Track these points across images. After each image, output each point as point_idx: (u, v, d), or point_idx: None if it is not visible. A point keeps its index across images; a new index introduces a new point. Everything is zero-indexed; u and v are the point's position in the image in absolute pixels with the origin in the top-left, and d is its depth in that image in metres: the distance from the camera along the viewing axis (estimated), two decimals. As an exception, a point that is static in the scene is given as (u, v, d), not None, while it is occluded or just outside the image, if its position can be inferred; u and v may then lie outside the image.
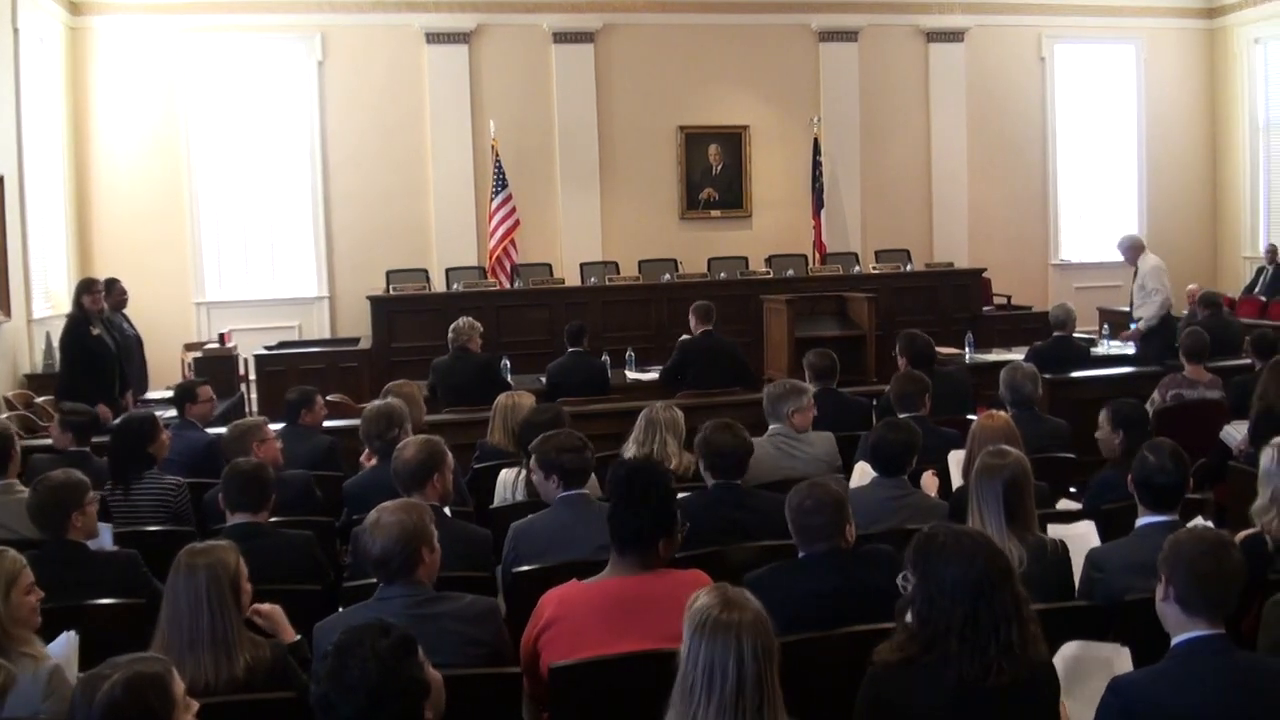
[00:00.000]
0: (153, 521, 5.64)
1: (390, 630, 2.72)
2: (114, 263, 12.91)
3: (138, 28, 13.86)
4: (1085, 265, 16.34)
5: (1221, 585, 3.08)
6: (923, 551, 3.13)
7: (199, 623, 3.41)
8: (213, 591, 3.45)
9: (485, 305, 12.42)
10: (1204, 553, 3.10)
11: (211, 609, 3.43)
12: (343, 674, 2.63)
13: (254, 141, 14.40)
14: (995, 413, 5.63)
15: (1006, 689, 2.95)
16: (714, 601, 2.78)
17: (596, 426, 6.96)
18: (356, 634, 2.70)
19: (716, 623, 2.72)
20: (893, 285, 13.80)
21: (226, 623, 3.44)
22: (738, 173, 15.68)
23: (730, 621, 2.72)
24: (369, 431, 6.01)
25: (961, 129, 16.28)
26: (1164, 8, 17.07)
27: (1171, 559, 3.14)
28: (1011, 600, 3.02)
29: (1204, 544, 3.14)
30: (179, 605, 3.45)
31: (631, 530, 3.75)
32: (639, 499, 3.75)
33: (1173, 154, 17.27)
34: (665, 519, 3.80)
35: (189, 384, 7.55)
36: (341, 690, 2.62)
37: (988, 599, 2.99)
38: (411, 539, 3.60)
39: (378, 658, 2.64)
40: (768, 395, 6.30)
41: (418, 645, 2.74)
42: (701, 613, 2.75)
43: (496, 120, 14.36)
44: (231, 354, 11.91)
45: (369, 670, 2.62)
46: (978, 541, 3.12)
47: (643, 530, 3.74)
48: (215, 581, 3.46)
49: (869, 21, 15.86)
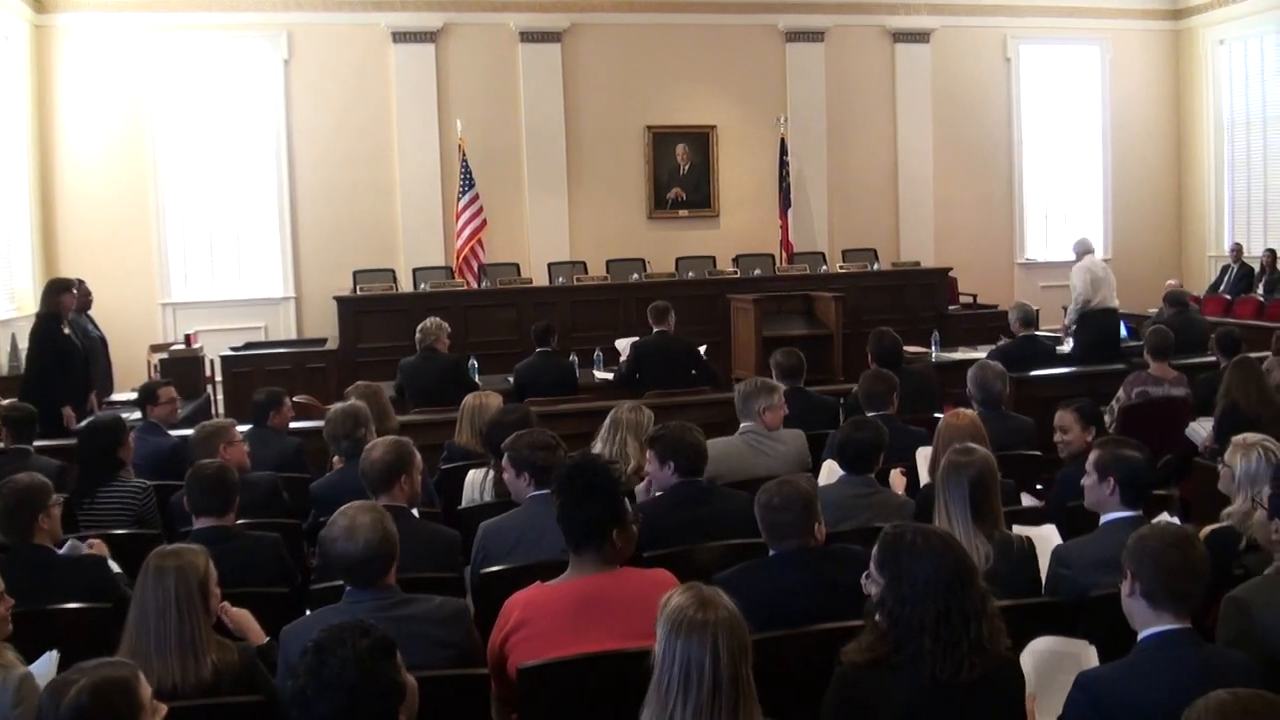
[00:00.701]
0: (118, 525, 5.59)
1: (370, 631, 2.71)
2: (79, 262, 12.83)
3: (103, 25, 13.75)
4: (1050, 264, 16.43)
5: (1187, 580, 3.11)
6: (891, 550, 3.13)
7: (167, 626, 3.40)
8: (181, 594, 3.43)
9: (452, 305, 12.38)
10: (1170, 547, 3.14)
11: (180, 612, 3.41)
12: (321, 671, 2.62)
13: (220, 141, 14.31)
14: (962, 410, 5.65)
15: (975, 684, 2.97)
16: (688, 601, 2.77)
17: (564, 426, 6.92)
18: (337, 632, 2.69)
19: (692, 622, 2.72)
20: (859, 284, 13.83)
21: (194, 626, 3.43)
22: (705, 172, 15.70)
23: (706, 621, 2.72)
24: (335, 433, 5.98)
25: (927, 129, 16.36)
26: (1129, 9, 17.21)
27: (1137, 554, 3.17)
28: (979, 596, 3.04)
29: (1169, 539, 3.17)
30: (147, 608, 3.43)
31: (582, 526, 3.73)
32: (584, 494, 3.73)
33: (1138, 154, 17.41)
34: (614, 509, 3.78)
35: (150, 385, 7.49)
36: (319, 688, 2.61)
37: (959, 596, 3.01)
38: (382, 547, 3.59)
39: (357, 657, 2.63)
40: (739, 393, 6.30)
41: (396, 648, 2.74)
42: (676, 612, 2.75)
43: (463, 120, 14.33)
44: (197, 355, 11.83)
45: (348, 669, 2.61)
46: (945, 539, 3.15)
47: (593, 523, 3.73)
48: (184, 584, 3.45)
49: (835, 22, 15.91)
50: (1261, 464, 4.31)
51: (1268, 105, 16.18)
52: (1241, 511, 4.32)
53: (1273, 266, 15.34)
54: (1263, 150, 16.36)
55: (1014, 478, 5.37)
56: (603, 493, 3.76)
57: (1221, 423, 6.58)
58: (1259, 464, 4.31)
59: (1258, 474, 4.30)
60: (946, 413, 5.64)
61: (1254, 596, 3.50)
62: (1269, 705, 2.43)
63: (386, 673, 2.67)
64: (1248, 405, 6.61)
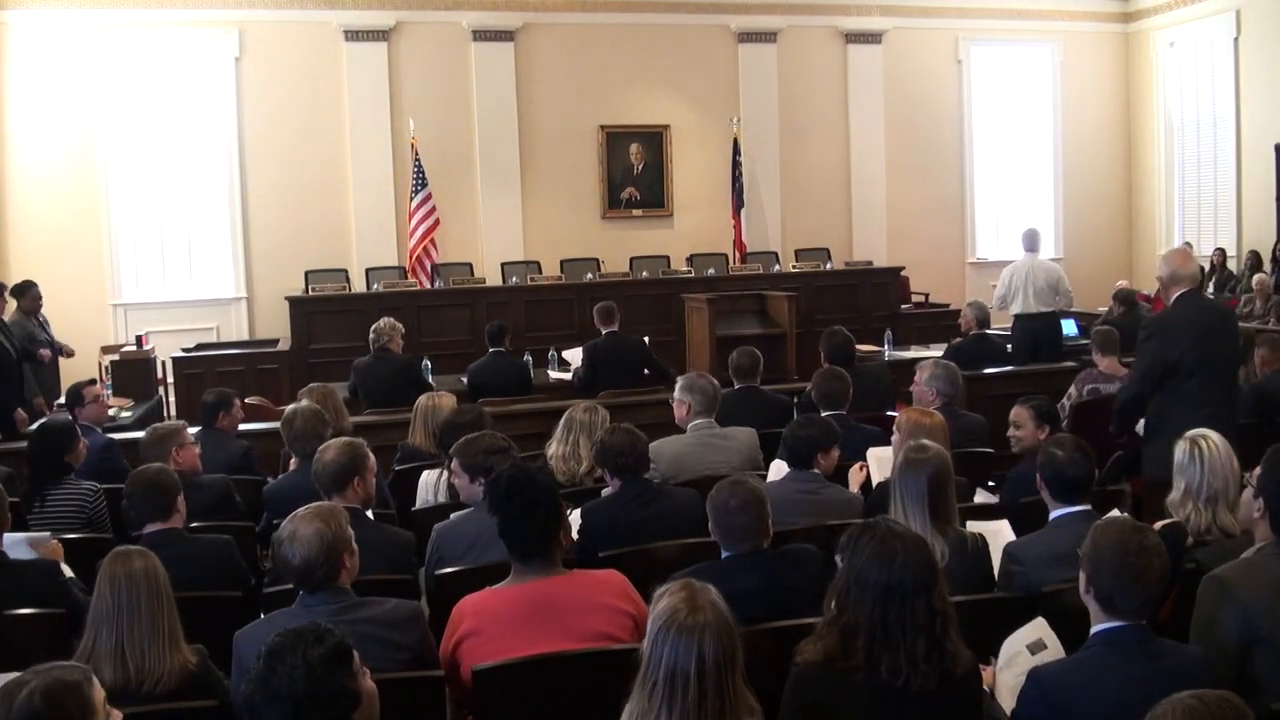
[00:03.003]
0: (69, 528, 5.52)
1: (325, 637, 2.67)
2: (29, 264, 12.71)
3: (52, 22, 13.59)
4: (1001, 263, 16.49)
5: (1145, 588, 3.12)
6: (852, 541, 3.15)
7: (130, 628, 3.37)
8: (144, 596, 3.40)
9: (405, 305, 12.34)
10: (1130, 556, 3.13)
11: (143, 614, 3.38)
12: (270, 679, 2.59)
13: (170, 139, 14.19)
14: (931, 410, 5.66)
15: (923, 696, 2.97)
16: (679, 603, 2.75)
17: (518, 426, 6.95)
18: (290, 639, 2.65)
19: (681, 626, 2.70)
20: (813, 284, 13.91)
21: (158, 627, 3.39)
22: (659, 172, 15.72)
23: (695, 625, 2.70)
24: (299, 435, 5.93)
25: (880, 130, 16.46)
26: (1080, 11, 17.37)
27: (1095, 559, 3.17)
28: (925, 611, 3.01)
29: (1132, 547, 3.15)
30: (102, 609, 3.39)
31: (531, 539, 3.73)
32: (525, 509, 3.71)
33: (1088, 155, 17.59)
34: (557, 517, 3.80)
35: (75, 387, 7.30)
36: (267, 696, 2.58)
37: (898, 605, 3.00)
38: (333, 548, 3.55)
39: (307, 665, 2.59)
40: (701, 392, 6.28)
41: (353, 654, 2.70)
42: (666, 614, 2.73)
43: (416, 118, 14.28)
44: (149, 356, 11.72)
45: (296, 678, 2.58)
46: (907, 545, 3.09)
47: (540, 535, 3.73)
48: (149, 585, 3.42)
49: (788, 23, 15.98)
50: (1186, 457, 4.33)
51: (1217, 107, 16.37)
52: (1175, 503, 4.35)
53: (1223, 265, 15.54)
54: (1212, 151, 16.54)
55: (967, 475, 5.40)
56: (543, 505, 3.75)
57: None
58: (1184, 456, 4.33)
59: (1184, 467, 4.33)
60: (907, 410, 5.63)
61: (1235, 577, 3.52)
62: (1236, 711, 2.41)
63: (338, 681, 2.63)
64: None
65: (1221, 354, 6.08)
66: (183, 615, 3.54)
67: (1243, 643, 3.35)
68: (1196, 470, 4.25)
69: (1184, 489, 4.28)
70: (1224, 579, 3.52)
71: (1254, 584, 3.47)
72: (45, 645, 3.77)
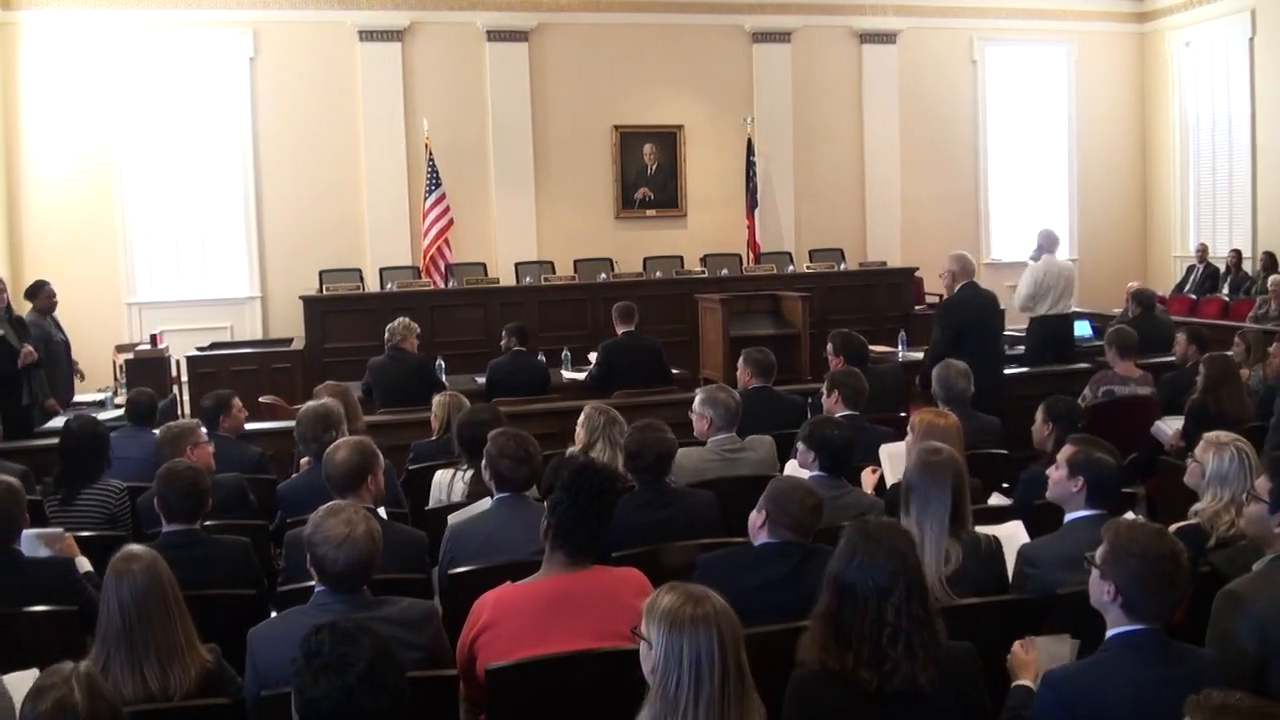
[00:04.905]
0: (93, 526, 5.54)
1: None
2: (44, 263, 12.76)
3: (68, 23, 13.64)
4: (1016, 264, 16.47)
5: (1175, 593, 3.12)
6: (841, 540, 3.20)
7: (146, 648, 3.34)
8: (155, 612, 3.37)
9: (419, 305, 12.32)
10: (1156, 563, 3.10)
11: (157, 631, 3.36)
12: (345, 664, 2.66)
13: (185, 139, 14.21)
14: (946, 412, 5.64)
15: (904, 699, 2.99)
16: (680, 599, 2.77)
17: (534, 426, 6.92)
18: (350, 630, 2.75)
19: (694, 617, 2.72)
20: (826, 284, 13.87)
21: (174, 641, 3.38)
22: (672, 172, 15.70)
23: (707, 614, 2.72)
24: (304, 434, 5.93)
25: (894, 130, 16.42)
26: (1095, 11, 17.32)
27: (1121, 566, 3.13)
28: (895, 613, 3.04)
29: (1157, 555, 3.12)
30: (112, 631, 3.36)
31: (592, 535, 3.75)
32: (591, 502, 3.73)
33: (1103, 155, 17.54)
34: (609, 520, 3.81)
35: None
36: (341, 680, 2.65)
37: (874, 605, 3.05)
38: (375, 556, 3.57)
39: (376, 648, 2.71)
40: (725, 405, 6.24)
41: None
42: (673, 610, 2.74)
43: (430, 119, 14.29)
44: (163, 355, 11.73)
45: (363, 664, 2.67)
46: (884, 547, 3.12)
47: (596, 535, 3.75)
48: (158, 598, 3.39)
49: (802, 23, 15.95)
50: (1234, 464, 4.32)
51: (1232, 107, 16.31)
52: (1210, 510, 4.34)
53: (1238, 267, 15.49)
54: (1228, 151, 16.48)
55: (980, 477, 5.38)
56: (607, 505, 3.78)
57: (1192, 418, 6.64)
58: (1231, 464, 4.32)
59: (1228, 474, 4.31)
60: (923, 411, 5.60)
61: (1248, 590, 3.49)
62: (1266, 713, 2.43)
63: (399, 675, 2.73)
64: (1219, 402, 6.67)
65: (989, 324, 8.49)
66: (197, 614, 3.54)
67: (1260, 656, 3.32)
68: (1247, 477, 4.24)
69: (1229, 497, 4.26)
70: (1237, 593, 3.49)
71: (1269, 597, 3.45)
72: (58, 642, 3.78)
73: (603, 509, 3.77)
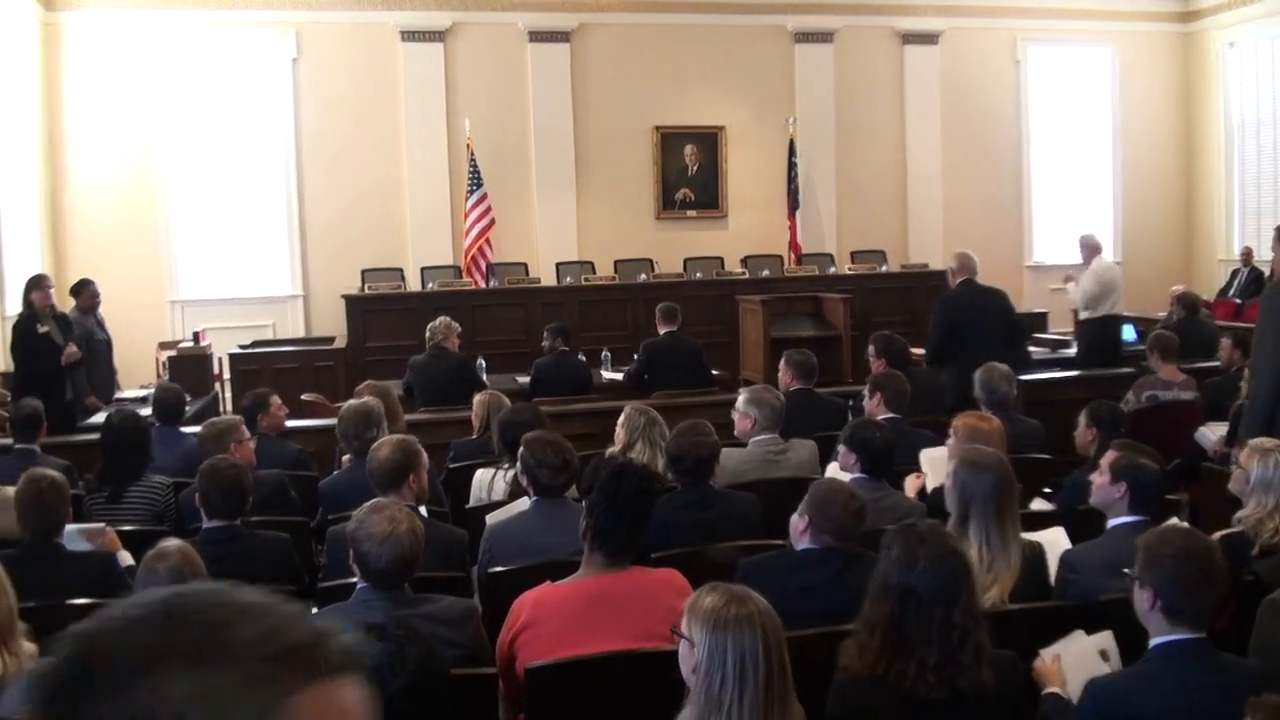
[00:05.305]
0: (137, 523, 5.59)
1: None
2: (87, 261, 12.85)
3: (111, 24, 13.76)
4: (1059, 267, 16.37)
5: (1207, 595, 3.08)
6: (888, 542, 3.18)
7: None
8: None
9: (460, 305, 12.37)
10: (1189, 562, 3.09)
11: None
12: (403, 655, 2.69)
13: (228, 139, 14.30)
14: (989, 416, 5.61)
15: (940, 706, 2.96)
16: (722, 598, 2.77)
17: (574, 426, 6.97)
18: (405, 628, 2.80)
19: (737, 617, 2.71)
20: (868, 286, 13.83)
21: None
22: (713, 173, 15.67)
23: (750, 614, 2.73)
24: (345, 432, 5.98)
25: (936, 130, 16.34)
26: (1139, 11, 17.16)
27: (1155, 569, 3.12)
28: (941, 622, 3.00)
29: (1189, 553, 3.11)
30: None
31: (630, 536, 3.75)
32: (629, 503, 3.73)
33: (1147, 157, 17.36)
34: (648, 521, 3.82)
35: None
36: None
37: (913, 611, 3.00)
38: (417, 553, 3.59)
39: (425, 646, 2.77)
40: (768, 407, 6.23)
41: None
42: (716, 610, 2.74)
43: (471, 119, 14.32)
44: (205, 353, 11.84)
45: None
46: (932, 552, 3.08)
47: (634, 536, 3.75)
48: (186, 579, 3.42)
49: (844, 23, 15.89)
50: (1278, 471, 4.28)
51: (1278, 108, 16.13)
52: (1255, 517, 4.30)
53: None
54: (1273, 153, 16.28)
55: (1022, 481, 5.34)
56: (647, 507, 3.78)
57: (1236, 423, 6.57)
58: (1275, 470, 4.28)
59: (1273, 481, 4.28)
60: (966, 414, 5.55)
61: None
62: None
63: None
64: None
65: (986, 320, 8.69)
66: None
67: None
68: None
69: (1273, 503, 4.23)
70: None
71: None
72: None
73: (641, 510, 3.78)
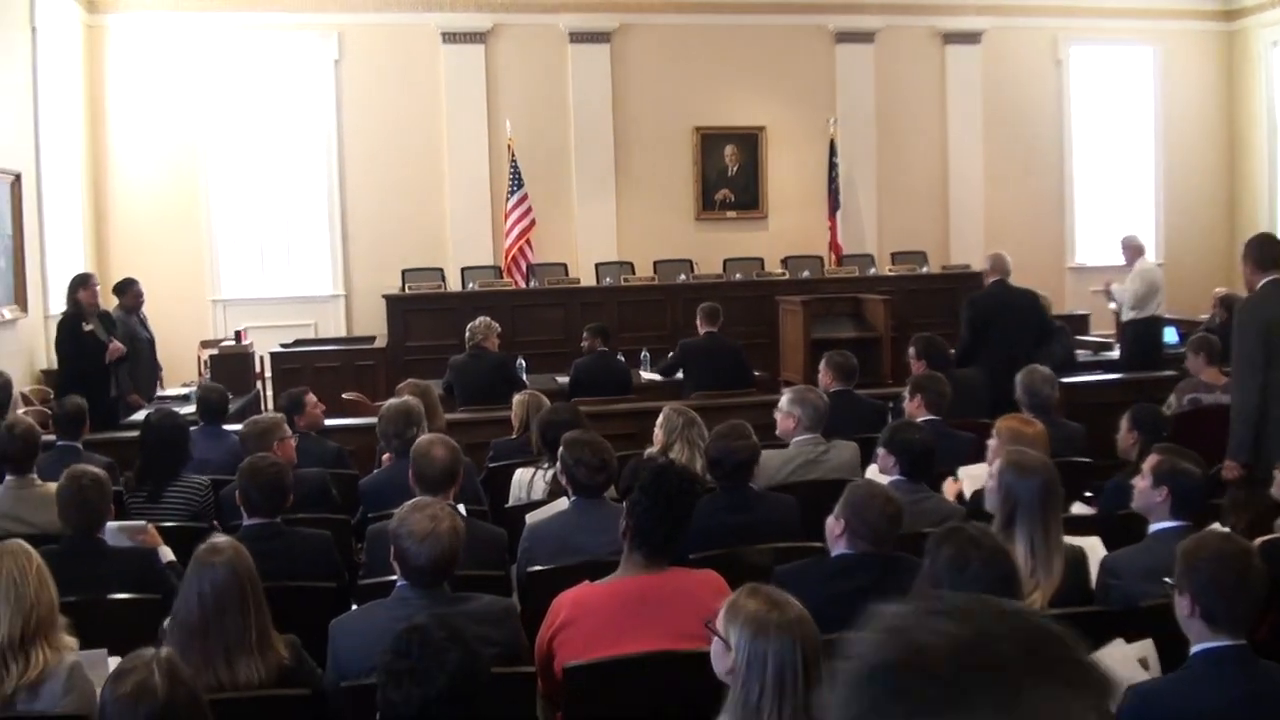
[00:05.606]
0: (174, 520, 5.62)
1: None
2: (130, 259, 12.97)
3: (154, 26, 13.88)
4: (1102, 269, 16.24)
5: (1245, 600, 3.06)
6: (935, 545, 3.17)
7: (219, 643, 3.36)
8: (231, 606, 3.39)
9: (500, 304, 12.38)
10: (1226, 567, 3.06)
11: (230, 628, 3.38)
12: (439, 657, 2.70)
13: (270, 140, 14.41)
14: (1031, 419, 5.57)
15: None
16: (762, 604, 2.75)
17: (614, 426, 6.99)
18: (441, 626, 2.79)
19: (779, 624, 2.70)
20: (908, 287, 13.77)
21: (246, 640, 3.39)
22: (754, 174, 15.64)
23: (788, 621, 2.71)
24: (386, 430, 6.01)
25: (978, 130, 16.24)
26: (1182, 10, 17.00)
27: (1193, 574, 3.10)
28: None
29: (1225, 557, 3.09)
30: (191, 623, 3.38)
31: (669, 536, 3.75)
32: (669, 504, 3.74)
33: (1190, 157, 17.19)
34: (688, 522, 3.82)
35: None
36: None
37: None
38: (458, 552, 3.61)
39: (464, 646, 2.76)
40: None
41: None
42: (756, 617, 2.72)
43: (512, 120, 14.35)
44: (247, 351, 11.91)
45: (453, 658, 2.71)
46: (983, 555, 3.08)
47: (674, 536, 3.75)
48: (238, 590, 3.41)
49: (886, 23, 15.83)
50: None
51: (1323, 108, 15.96)
52: None
53: (1328, 273, 15.12)
54: (1318, 153, 16.12)
55: (1065, 485, 5.30)
56: (688, 508, 3.79)
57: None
58: None
59: None
60: (1008, 417, 5.51)
61: None
62: None
63: None
64: None
65: (1015, 320, 8.95)
66: (278, 605, 3.58)
67: None
68: None
69: None
70: None
71: None
72: (140, 629, 3.86)
73: (681, 510, 3.78)
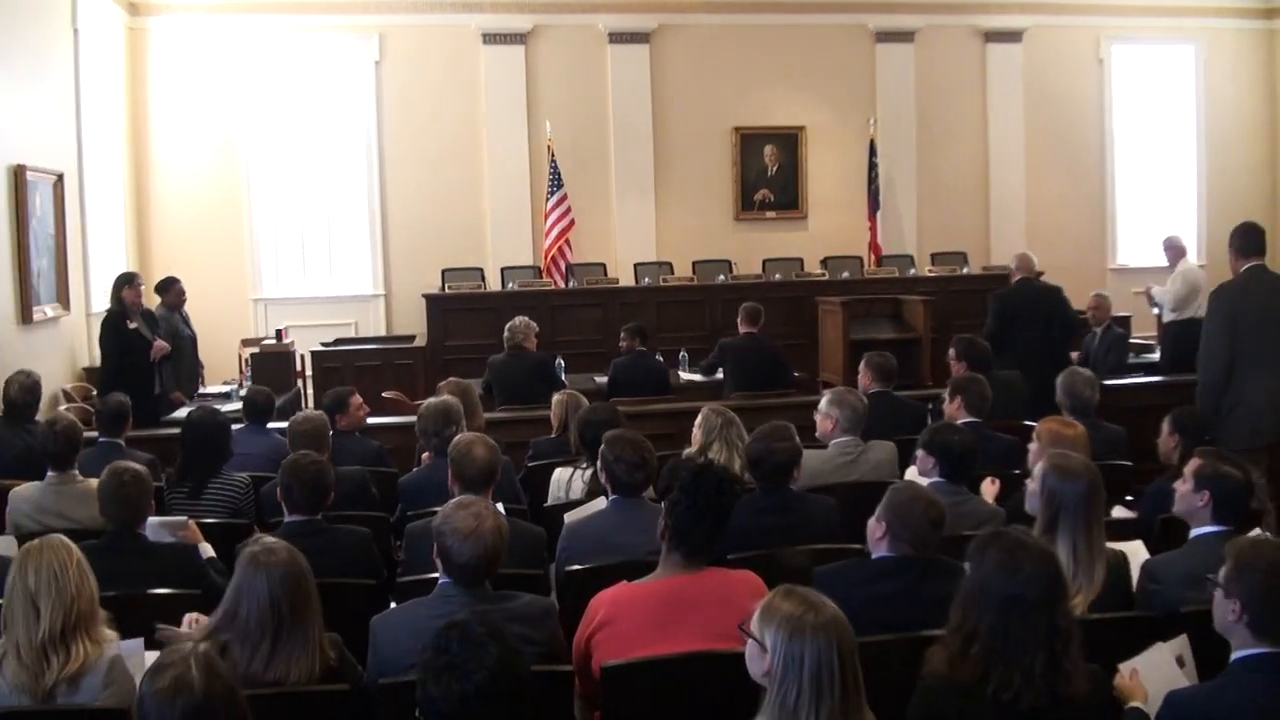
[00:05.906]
0: (214, 517, 5.66)
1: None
2: (172, 259, 13.08)
3: (196, 29, 14.00)
4: (1144, 270, 16.10)
5: None
6: (981, 549, 3.12)
7: (275, 645, 3.36)
8: (288, 610, 3.37)
9: (540, 304, 12.44)
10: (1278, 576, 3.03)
11: (288, 631, 3.37)
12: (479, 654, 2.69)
13: (311, 140, 14.50)
14: (1072, 422, 5.54)
15: (1039, 714, 2.92)
16: (798, 605, 2.76)
17: (652, 426, 6.98)
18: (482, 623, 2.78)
19: (815, 625, 2.70)
20: (948, 288, 13.69)
21: (309, 638, 3.40)
22: (793, 174, 15.61)
23: (826, 623, 2.71)
24: (425, 429, 6.04)
25: (1019, 130, 16.14)
26: (1223, 8, 16.83)
27: (1246, 584, 3.05)
28: (1046, 627, 2.95)
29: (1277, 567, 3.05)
30: (251, 624, 3.37)
31: (708, 536, 3.76)
32: (709, 504, 3.74)
33: (1232, 156, 17.02)
34: (726, 522, 3.82)
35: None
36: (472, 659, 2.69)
37: (1019, 618, 2.95)
38: (501, 551, 3.62)
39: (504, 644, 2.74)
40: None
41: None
42: (793, 618, 2.73)
43: (552, 121, 14.39)
44: (289, 350, 11.97)
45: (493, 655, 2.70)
46: (1034, 557, 3.04)
47: (713, 536, 3.75)
48: (299, 593, 3.40)
49: (926, 22, 15.76)
50: None
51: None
52: None
53: (1374, 273, 14.97)
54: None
55: (1105, 488, 5.28)
56: (726, 508, 3.79)
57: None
58: None
59: None
60: (1049, 420, 5.47)
61: None
62: None
63: None
64: None
65: (1040, 318, 9.35)
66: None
67: None
68: None
69: None
70: None
71: None
72: (180, 623, 3.90)
73: (720, 511, 3.78)
